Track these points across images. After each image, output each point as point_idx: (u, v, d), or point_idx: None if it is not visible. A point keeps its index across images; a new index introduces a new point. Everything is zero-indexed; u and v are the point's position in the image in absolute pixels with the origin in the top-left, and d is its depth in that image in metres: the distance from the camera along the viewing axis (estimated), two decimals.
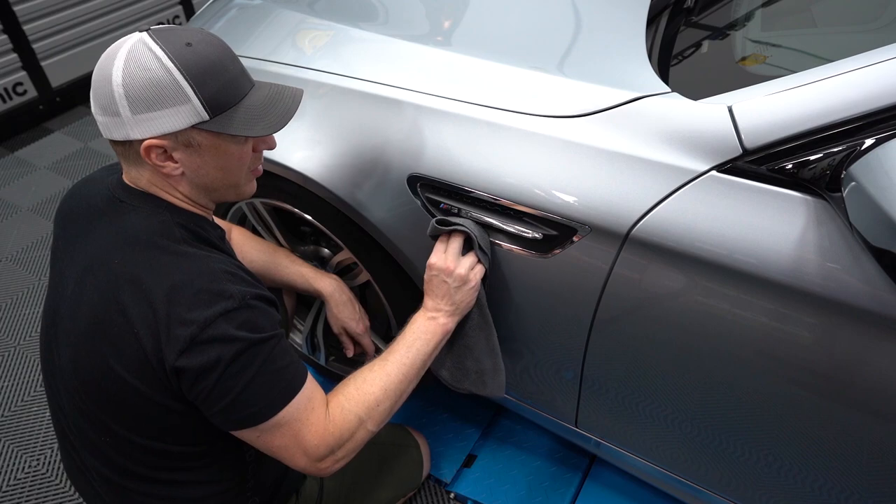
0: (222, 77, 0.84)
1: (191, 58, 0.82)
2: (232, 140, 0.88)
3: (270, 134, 0.91)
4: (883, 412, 0.85)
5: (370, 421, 0.97)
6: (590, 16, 1.26)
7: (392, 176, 1.09)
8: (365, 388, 0.98)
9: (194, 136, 0.85)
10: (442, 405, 1.69)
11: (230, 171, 0.92)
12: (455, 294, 1.05)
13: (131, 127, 0.82)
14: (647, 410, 1.12)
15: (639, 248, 0.91)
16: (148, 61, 0.80)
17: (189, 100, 0.82)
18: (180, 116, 0.82)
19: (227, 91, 0.85)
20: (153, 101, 0.80)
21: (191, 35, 0.84)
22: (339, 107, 1.15)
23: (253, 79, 0.92)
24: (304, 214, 1.26)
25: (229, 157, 0.90)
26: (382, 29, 1.29)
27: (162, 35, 0.83)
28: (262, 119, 0.89)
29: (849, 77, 0.79)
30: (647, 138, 0.90)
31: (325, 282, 1.34)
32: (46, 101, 2.90)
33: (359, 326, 1.35)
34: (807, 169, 0.80)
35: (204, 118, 0.83)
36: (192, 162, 0.88)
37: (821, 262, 0.80)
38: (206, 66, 0.83)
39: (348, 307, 1.34)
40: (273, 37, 1.34)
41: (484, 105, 1.03)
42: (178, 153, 0.86)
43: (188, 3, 3.31)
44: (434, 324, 1.06)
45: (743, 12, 1.19)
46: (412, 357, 1.03)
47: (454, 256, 1.04)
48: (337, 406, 0.96)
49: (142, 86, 0.80)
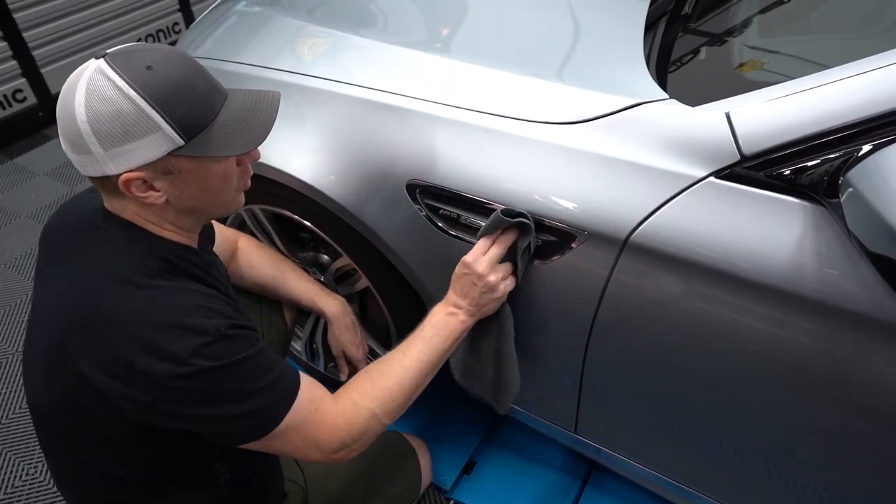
0: (191, 96, 0.79)
1: (153, 82, 0.76)
2: (213, 160, 0.84)
3: (253, 148, 0.87)
4: (882, 416, 0.85)
5: (384, 415, 0.96)
6: (588, 22, 1.26)
7: (391, 182, 1.09)
8: (380, 383, 0.97)
9: (172, 162, 0.81)
10: (442, 411, 1.68)
11: (215, 191, 0.88)
12: (480, 298, 1.03)
13: (105, 163, 0.78)
14: (647, 417, 1.12)
15: (637, 254, 0.92)
16: (108, 92, 0.75)
17: (159, 127, 0.77)
18: (154, 146, 0.78)
19: (199, 110, 0.80)
20: (122, 134, 0.76)
21: (150, 56, 0.79)
22: (338, 113, 1.15)
23: (224, 89, 0.87)
24: (304, 221, 1.26)
25: (213, 178, 0.86)
26: (382, 36, 1.30)
27: (119, 61, 0.77)
28: (241, 133, 0.84)
29: (846, 83, 0.79)
30: (646, 144, 0.91)
31: (331, 302, 1.33)
32: (46, 108, 2.91)
33: (358, 352, 1.33)
34: (804, 175, 0.81)
35: (179, 144, 0.79)
36: (175, 188, 0.83)
37: (819, 267, 0.80)
38: (171, 87, 0.77)
39: (351, 331, 1.34)
40: (273, 44, 1.35)
41: (483, 111, 1.03)
42: (159, 182, 0.82)
43: (188, 11, 3.32)
44: (454, 320, 1.04)
45: (740, 19, 1.20)
46: (429, 352, 1.01)
47: (491, 262, 1.01)
48: (349, 401, 0.94)
49: (107, 119, 0.75)
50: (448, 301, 1.06)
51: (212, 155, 0.82)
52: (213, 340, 0.80)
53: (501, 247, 1.01)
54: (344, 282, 1.50)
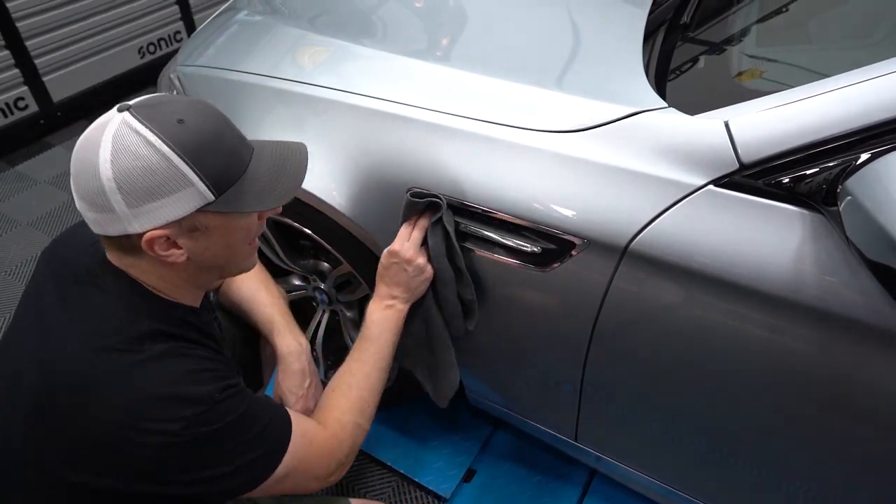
0: (223, 150, 0.77)
1: (186, 136, 0.73)
2: (240, 215, 0.82)
3: (287, 202, 0.85)
4: (882, 422, 0.85)
5: (366, 421, 1.01)
6: (587, 32, 1.27)
7: (392, 190, 1.09)
8: (353, 395, 1.00)
9: (200, 219, 0.78)
10: (441, 419, 1.68)
11: (237, 246, 0.86)
12: (411, 282, 1.07)
13: (129, 221, 0.74)
14: (648, 425, 1.12)
15: (637, 262, 0.92)
16: (139, 148, 0.72)
17: (192, 183, 0.74)
18: (184, 202, 0.75)
19: (231, 165, 0.78)
20: (152, 191, 0.72)
21: (179, 108, 0.76)
22: (339, 122, 1.16)
23: (250, 141, 0.85)
24: (304, 229, 1.26)
25: (237, 233, 0.84)
26: (382, 45, 1.30)
27: (147, 113, 0.74)
28: (272, 188, 0.82)
29: (844, 92, 0.80)
30: (645, 153, 0.91)
31: (286, 342, 1.14)
32: (47, 116, 2.91)
33: (296, 404, 1.12)
34: (803, 183, 0.81)
35: (210, 199, 0.76)
36: (198, 245, 0.80)
37: (818, 275, 0.80)
38: (204, 142, 0.75)
39: (295, 378, 1.13)
40: (274, 53, 1.35)
41: (483, 120, 1.03)
42: (183, 239, 0.79)
43: (189, 20, 3.34)
44: (392, 312, 1.08)
45: (738, 28, 1.21)
46: (382, 350, 1.06)
47: (416, 245, 1.06)
48: (334, 422, 0.96)
49: (137, 177, 0.71)
50: (381, 295, 1.10)
51: (243, 210, 0.80)
52: (206, 409, 0.77)
53: (421, 229, 1.06)
54: (344, 289, 1.50)
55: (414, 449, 1.62)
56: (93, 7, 2.86)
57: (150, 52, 3.23)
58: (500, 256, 1.04)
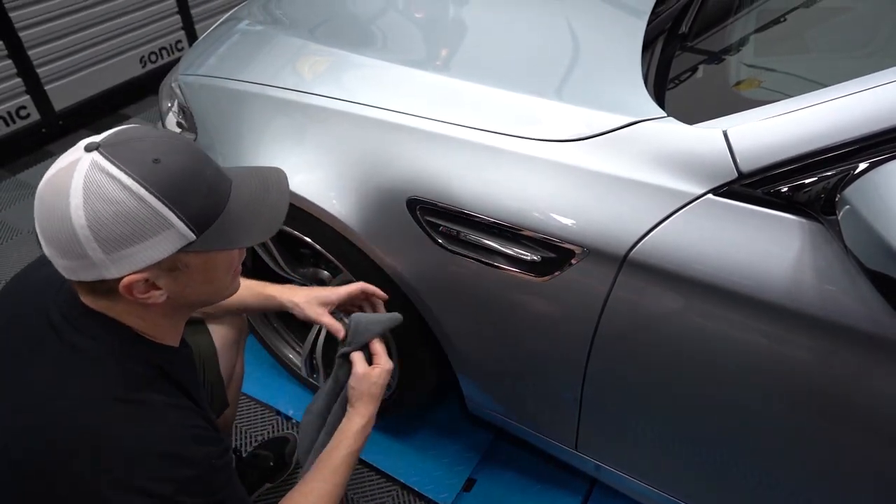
0: (202, 188, 0.73)
1: (163, 176, 0.69)
2: (221, 250, 0.79)
3: (272, 235, 0.82)
4: (883, 432, 0.85)
5: None
6: (586, 42, 1.28)
7: (391, 198, 1.10)
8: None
9: (181, 258, 0.74)
10: (441, 428, 1.68)
11: (218, 279, 0.82)
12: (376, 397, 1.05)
13: (105, 267, 0.70)
14: (648, 433, 1.12)
15: (637, 271, 0.92)
16: (114, 192, 0.67)
17: (172, 225, 0.70)
18: (164, 245, 0.71)
19: (211, 202, 0.74)
20: (130, 236, 0.68)
21: (153, 146, 0.71)
22: (338, 131, 1.16)
23: (228, 172, 0.81)
24: (304, 237, 1.27)
25: (219, 267, 0.81)
26: (382, 54, 1.31)
27: (118, 152, 0.69)
28: (255, 221, 0.79)
29: (842, 102, 0.80)
30: (644, 162, 0.91)
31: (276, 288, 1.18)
32: (49, 125, 2.93)
33: (336, 291, 1.14)
34: (802, 192, 0.81)
35: (191, 239, 0.72)
36: (179, 284, 0.77)
37: (818, 284, 0.80)
38: (182, 181, 0.71)
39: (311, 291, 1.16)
40: (275, 62, 1.36)
41: (483, 129, 1.04)
42: (163, 280, 0.75)
43: (191, 29, 3.36)
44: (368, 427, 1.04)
45: (737, 38, 1.21)
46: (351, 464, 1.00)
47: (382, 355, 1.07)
48: None
49: (113, 222, 0.67)
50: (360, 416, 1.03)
51: (229, 247, 0.78)
52: (200, 474, 0.74)
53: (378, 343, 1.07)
54: None
55: (413, 458, 1.61)
56: (95, 17, 2.88)
57: (152, 61, 3.24)
58: (500, 265, 1.04)
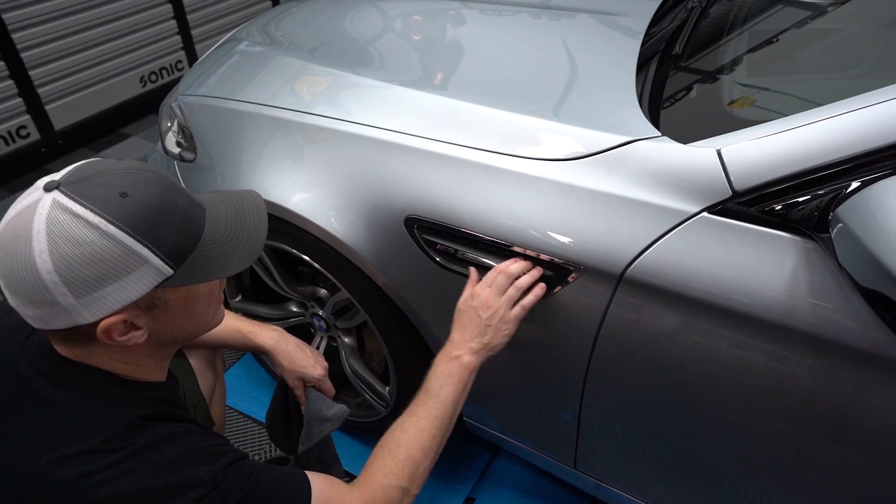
0: (175, 219, 0.69)
1: (132, 210, 0.65)
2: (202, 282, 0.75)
3: (252, 263, 0.79)
4: (880, 450, 0.85)
5: (413, 486, 0.89)
6: (581, 62, 1.29)
7: (389, 217, 1.10)
8: (401, 454, 0.89)
9: (159, 294, 0.70)
10: None
11: (200, 313, 0.79)
12: (486, 332, 0.97)
13: (78, 312, 0.65)
14: (647, 451, 1.11)
15: (634, 289, 0.92)
16: (80, 232, 0.63)
17: (146, 261, 0.66)
18: (140, 282, 0.67)
19: (186, 233, 0.71)
20: (102, 277, 0.64)
21: (118, 179, 0.67)
22: (337, 150, 1.17)
23: (201, 199, 0.77)
24: (302, 255, 1.27)
25: (199, 301, 0.77)
26: (379, 74, 1.32)
27: (81, 189, 0.64)
28: (233, 249, 0.76)
29: (834, 122, 0.81)
30: (639, 181, 0.92)
31: (265, 336, 1.17)
32: (49, 145, 2.94)
33: (316, 370, 1.17)
34: (795, 210, 0.82)
35: (168, 274, 0.69)
36: (160, 321, 0.73)
37: (812, 301, 0.81)
38: (153, 213, 0.67)
39: (298, 353, 1.17)
40: (274, 82, 1.38)
41: (479, 149, 1.05)
42: (142, 319, 0.71)
43: (191, 49, 3.39)
44: (457, 364, 0.97)
45: (729, 59, 1.23)
46: (441, 406, 0.94)
47: (500, 290, 0.97)
48: (375, 486, 0.86)
49: (82, 265, 0.63)
50: (451, 342, 1.00)
51: (209, 280, 0.74)
52: (210, 490, 0.71)
53: (507, 276, 0.96)
54: (342, 316, 1.50)
55: None
56: (96, 38, 2.91)
57: (152, 80, 3.27)
58: None
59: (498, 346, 0.99)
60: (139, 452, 0.70)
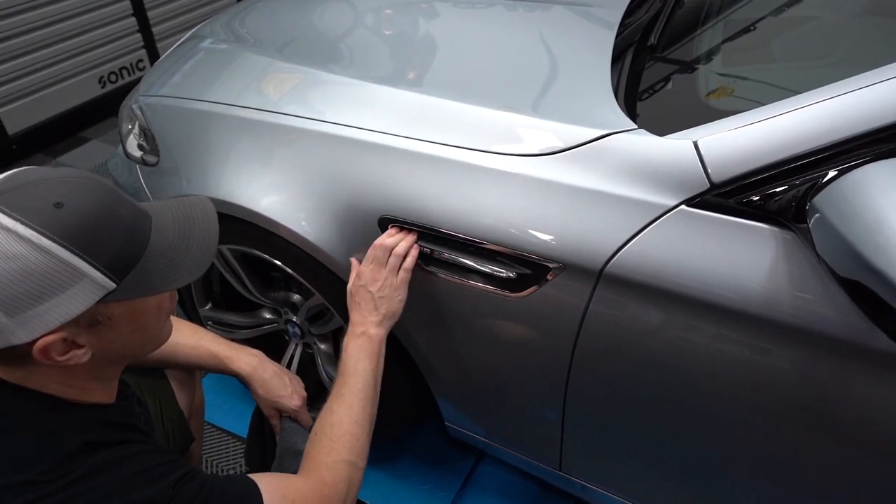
0: (117, 229, 0.67)
1: (68, 221, 0.63)
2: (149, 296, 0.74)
3: (202, 274, 0.77)
4: (863, 441, 0.87)
5: (358, 458, 0.95)
6: (555, 55, 1.31)
7: (363, 218, 1.10)
8: (337, 433, 0.94)
9: (101, 310, 0.68)
10: (421, 453, 1.67)
11: (148, 328, 0.77)
12: (381, 304, 1.05)
13: (12, 332, 0.63)
14: (633, 451, 1.13)
15: (613, 285, 0.94)
16: (9, 246, 0.61)
17: (85, 274, 0.64)
18: (79, 298, 0.65)
19: (129, 243, 0.69)
20: (35, 294, 0.62)
21: (52, 188, 0.65)
22: (307, 151, 1.17)
23: (147, 209, 0.76)
24: (274, 260, 1.26)
25: (147, 315, 0.75)
26: (351, 71, 1.32)
27: (11, 200, 0.63)
28: (182, 260, 0.74)
29: (809, 111, 0.83)
30: (617, 175, 0.94)
31: (243, 362, 1.14)
32: (2, 150, 2.88)
33: (293, 401, 1.15)
34: (773, 201, 0.84)
35: (110, 288, 0.67)
36: (103, 339, 0.71)
37: (793, 293, 0.83)
38: (92, 224, 0.65)
39: (275, 382, 1.15)
40: (240, 81, 1.37)
41: (454, 146, 1.05)
42: (84, 336, 0.69)
43: (152, 48, 3.35)
44: (364, 339, 1.04)
45: (705, 49, 1.25)
46: (363, 379, 1.01)
47: (380, 264, 1.05)
48: (321, 466, 0.91)
49: (13, 281, 0.61)
50: (353, 323, 1.06)
51: (154, 293, 0.73)
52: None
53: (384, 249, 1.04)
54: (317, 321, 1.49)
55: (393, 486, 1.60)
56: (52, 36, 2.86)
57: (112, 81, 3.22)
58: (475, 283, 1.06)
59: (397, 313, 1.08)
60: (84, 478, 0.68)
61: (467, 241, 1.03)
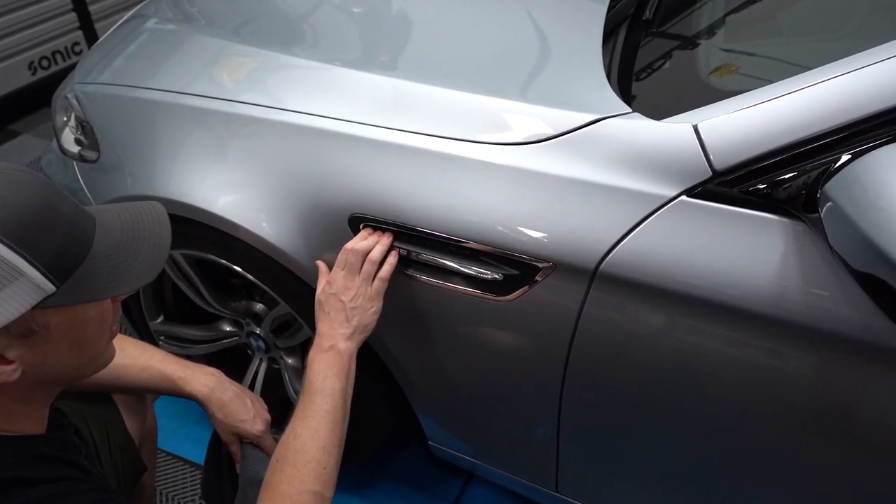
0: (58, 225, 0.67)
1: (6, 214, 0.63)
2: (89, 304, 0.73)
3: (153, 279, 0.77)
4: (882, 449, 0.89)
5: (326, 488, 0.93)
6: (542, 33, 1.31)
7: (331, 217, 1.10)
8: (301, 460, 0.93)
9: (37, 318, 0.67)
10: (405, 476, 1.67)
11: (89, 343, 0.76)
12: (352, 315, 1.04)
13: None
14: (635, 468, 1.14)
15: (610, 284, 0.94)
16: None
17: (21, 273, 0.63)
18: (13, 300, 0.64)
19: (71, 242, 0.69)
20: None
21: None
22: (267, 143, 1.16)
23: (91, 211, 0.76)
24: (233, 266, 1.26)
25: (87, 327, 0.74)
26: (315, 54, 1.32)
27: None
28: (130, 263, 0.74)
29: (818, 89, 0.84)
30: (610, 163, 0.94)
31: (199, 383, 1.14)
32: None
33: (255, 425, 1.15)
34: (781, 189, 0.85)
35: (49, 291, 0.66)
36: (38, 353, 0.70)
37: (804, 289, 0.84)
38: (31, 218, 0.65)
39: (236, 404, 1.14)
40: (191, 66, 1.36)
41: (431, 135, 1.05)
42: (14, 349, 0.67)
43: (90, 28, 3.31)
44: (333, 355, 1.03)
45: (705, 24, 1.26)
46: (331, 399, 0.99)
47: (353, 271, 1.04)
48: (286, 499, 0.90)
49: None
50: (320, 335, 1.06)
51: (100, 298, 0.72)
52: None
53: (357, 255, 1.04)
54: (283, 333, 1.49)
55: None
56: None
57: (44, 67, 3.18)
58: (456, 286, 1.06)
59: (370, 326, 1.07)
60: None
61: (448, 241, 1.03)
